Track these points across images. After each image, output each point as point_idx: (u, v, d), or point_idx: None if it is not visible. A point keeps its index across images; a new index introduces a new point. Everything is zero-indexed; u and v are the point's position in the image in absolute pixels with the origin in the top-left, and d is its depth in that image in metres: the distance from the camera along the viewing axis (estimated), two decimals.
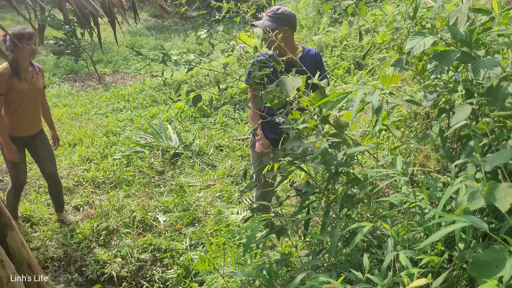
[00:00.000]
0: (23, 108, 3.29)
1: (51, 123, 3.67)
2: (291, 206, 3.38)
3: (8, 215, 2.44)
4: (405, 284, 1.24)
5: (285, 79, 1.83)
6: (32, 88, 3.30)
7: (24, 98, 3.27)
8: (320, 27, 7.82)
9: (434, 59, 1.45)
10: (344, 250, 1.79)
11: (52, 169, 3.58)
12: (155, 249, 3.37)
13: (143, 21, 16.67)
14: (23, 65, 3.23)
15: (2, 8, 15.31)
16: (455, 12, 1.41)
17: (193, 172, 4.62)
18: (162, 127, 5.47)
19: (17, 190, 3.53)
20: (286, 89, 1.77)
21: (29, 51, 3.18)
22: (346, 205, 1.71)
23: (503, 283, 1.01)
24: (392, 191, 2.52)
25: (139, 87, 7.79)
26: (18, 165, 3.38)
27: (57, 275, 3.16)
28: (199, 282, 2.94)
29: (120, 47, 12.01)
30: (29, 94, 3.28)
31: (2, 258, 2.18)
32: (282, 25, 2.64)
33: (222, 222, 3.62)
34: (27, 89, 3.25)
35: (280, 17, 2.65)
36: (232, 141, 5.31)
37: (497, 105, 1.32)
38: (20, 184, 3.51)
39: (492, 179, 1.21)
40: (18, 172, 3.43)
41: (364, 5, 2.00)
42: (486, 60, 1.35)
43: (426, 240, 1.21)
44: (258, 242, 2.20)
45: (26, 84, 3.25)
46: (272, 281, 1.71)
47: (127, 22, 2.73)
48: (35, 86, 3.33)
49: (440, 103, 1.72)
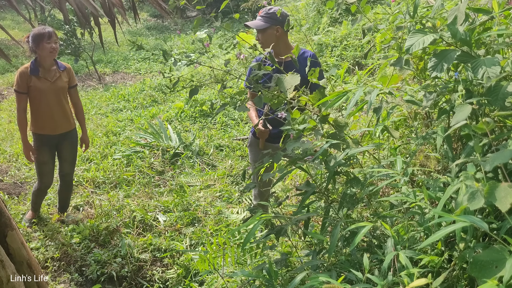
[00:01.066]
0: (44, 107, 3.34)
1: (82, 124, 3.67)
2: (291, 206, 3.38)
3: (8, 215, 2.44)
4: (405, 284, 1.24)
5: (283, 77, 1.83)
6: (52, 87, 3.32)
7: (44, 96, 3.31)
8: (320, 27, 7.82)
9: (434, 57, 1.45)
10: (344, 250, 1.78)
11: (69, 171, 3.63)
12: (155, 249, 3.37)
13: (143, 21, 16.67)
14: (44, 64, 3.29)
15: (2, 8, 15.32)
16: (453, 11, 1.41)
17: (193, 172, 4.62)
18: (162, 127, 5.47)
19: (39, 189, 3.58)
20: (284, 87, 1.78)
21: (49, 49, 3.22)
22: (346, 205, 1.70)
23: (503, 283, 1.01)
24: (392, 191, 2.52)
25: (139, 87, 7.79)
26: (42, 165, 3.45)
27: (57, 275, 3.16)
28: (199, 282, 2.94)
29: (120, 47, 12.02)
30: (49, 92, 3.32)
31: (2, 258, 2.18)
32: (274, 24, 2.66)
33: (222, 222, 3.62)
34: (46, 87, 3.30)
35: (272, 16, 2.67)
36: (232, 141, 5.31)
37: (497, 105, 1.32)
38: (43, 185, 3.54)
39: (492, 179, 1.21)
40: (41, 172, 3.49)
41: (365, 4, 2.00)
42: (486, 59, 1.35)
43: (426, 240, 1.21)
44: (258, 242, 2.20)
45: (46, 83, 3.30)
46: (272, 281, 1.71)
47: (127, 22, 2.73)
48: (56, 84, 3.35)
49: (440, 103, 1.72)
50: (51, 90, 3.32)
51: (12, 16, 18.15)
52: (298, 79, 1.80)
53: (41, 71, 3.28)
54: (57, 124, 3.43)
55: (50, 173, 3.54)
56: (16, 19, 17.69)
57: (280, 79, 1.83)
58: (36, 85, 3.27)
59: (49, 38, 3.20)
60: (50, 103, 3.35)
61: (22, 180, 4.56)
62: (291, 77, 1.81)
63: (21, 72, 3.26)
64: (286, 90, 1.77)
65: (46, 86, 3.30)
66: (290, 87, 1.78)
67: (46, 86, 3.30)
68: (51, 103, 3.35)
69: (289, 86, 1.78)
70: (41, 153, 3.43)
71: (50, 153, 3.48)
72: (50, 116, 3.38)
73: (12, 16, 18.15)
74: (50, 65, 3.32)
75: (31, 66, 3.27)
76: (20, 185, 4.47)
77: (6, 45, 12.58)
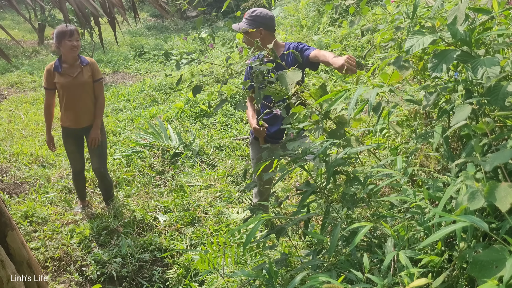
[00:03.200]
0: (66, 101, 3.53)
1: (96, 118, 3.63)
2: (291, 206, 3.38)
3: (8, 215, 2.44)
4: (405, 284, 1.24)
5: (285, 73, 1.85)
6: (74, 82, 3.48)
7: (67, 91, 3.50)
8: (320, 27, 7.82)
9: (434, 57, 1.45)
10: (344, 250, 1.78)
11: (98, 165, 3.75)
12: (155, 249, 3.37)
13: (143, 21, 16.67)
14: (67, 61, 3.48)
15: (2, 8, 15.31)
16: (453, 11, 1.41)
17: (193, 172, 4.62)
18: (162, 127, 5.47)
19: (74, 174, 3.85)
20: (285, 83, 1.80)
21: (70, 47, 3.39)
22: (346, 204, 1.70)
23: (503, 283, 1.01)
24: (392, 191, 2.52)
25: (139, 87, 7.79)
26: (69, 154, 3.76)
27: (57, 275, 3.16)
28: (199, 282, 2.94)
29: (120, 47, 12.01)
30: (70, 87, 3.49)
31: (2, 258, 2.18)
32: (257, 26, 2.71)
33: (222, 222, 3.62)
34: (67, 82, 3.47)
35: (255, 19, 2.73)
36: (232, 141, 5.31)
37: (497, 105, 1.32)
38: (75, 170, 3.83)
39: (492, 179, 1.21)
40: (70, 159, 3.82)
41: (365, 5, 2.00)
42: (485, 59, 1.34)
43: (426, 240, 1.20)
44: (258, 242, 2.20)
45: (68, 78, 3.47)
46: (272, 281, 1.71)
47: (127, 22, 2.73)
48: (78, 79, 3.49)
49: (440, 103, 1.72)
50: (73, 85, 3.49)
51: (12, 16, 18.15)
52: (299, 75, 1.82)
53: (64, 68, 3.47)
54: (80, 118, 3.59)
55: (77, 160, 3.78)
56: (16, 19, 17.69)
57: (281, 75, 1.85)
58: (59, 81, 3.47)
59: (70, 36, 3.37)
60: (73, 97, 3.52)
61: (22, 180, 4.56)
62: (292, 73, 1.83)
63: (47, 70, 3.49)
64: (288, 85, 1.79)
65: (68, 82, 3.47)
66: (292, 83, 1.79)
67: (68, 82, 3.47)
68: (73, 97, 3.52)
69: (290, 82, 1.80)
70: (67, 144, 3.71)
71: (75, 143, 3.71)
72: (73, 110, 3.56)
73: (12, 16, 18.15)
74: (73, 61, 3.49)
75: (56, 63, 3.49)
76: (20, 185, 4.46)
77: (6, 45, 12.59)
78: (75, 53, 3.43)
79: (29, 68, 9.98)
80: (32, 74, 9.53)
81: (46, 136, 3.72)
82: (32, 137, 5.75)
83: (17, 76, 9.39)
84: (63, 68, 3.46)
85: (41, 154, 5.13)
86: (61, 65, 3.47)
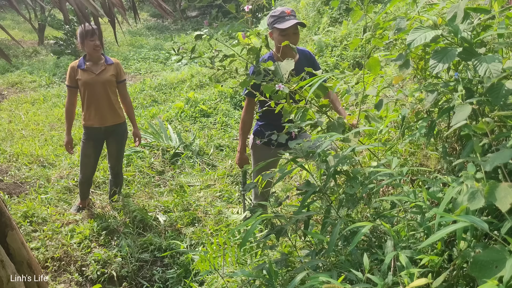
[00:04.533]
0: (91, 98, 3.52)
1: (132, 119, 3.81)
2: (291, 206, 3.38)
3: (8, 215, 2.43)
4: (405, 284, 1.24)
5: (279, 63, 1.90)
6: (98, 79, 3.48)
7: (90, 88, 3.49)
8: (320, 27, 7.81)
9: (436, 54, 1.44)
10: (344, 250, 1.78)
11: (114, 164, 3.80)
12: (155, 249, 3.37)
13: (143, 21, 16.67)
14: (91, 59, 3.51)
15: (2, 8, 15.31)
16: (453, 8, 1.41)
17: (193, 172, 4.62)
18: (162, 127, 5.47)
19: (80, 181, 3.78)
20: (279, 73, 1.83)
21: (92, 46, 3.43)
22: (346, 204, 1.70)
23: (503, 283, 1.01)
24: (392, 191, 2.52)
25: (139, 87, 7.78)
26: (84, 157, 3.66)
27: (57, 275, 3.16)
28: (199, 282, 2.94)
29: (120, 47, 12.01)
30: (94, 84, 3.48)
31: (2, 258, 2.18)
32: (269, 29, 2.72)
33: (222, 222, 3.62)
34: (91, 79, 3.47)
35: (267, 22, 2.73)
36: (232, 141, 5.30)
37: (498, 104, 1.32)
38: (83, 176, 3.73)
39: (492, 179, 1.21)
40: (82, 163, 3.70)
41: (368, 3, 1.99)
42: (487, 57, 1.34)
43: (426, 240, 1.20)
44: (258, 242, 2.20)
45: (91, 75, 3.48)
46: (272, 281, 1.71)
47: (127, 22, 2.72)
48: (101, 77, 3.50)
49: (440, 102, 1.72)
50: (96, 82, 3.49)
51: (12, 16, 18.15)
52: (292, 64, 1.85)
53: (87, 65, 3.49)
54: (104, 116, 3.57)
55: (90, 166, 3.72)
56: (16, 19, 17.70)
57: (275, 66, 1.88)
58: (82, 78, 3.47)
59: (92, 36, 3.39)
60: (96, 95, 3.51)
61: (22, 180, 4.56)
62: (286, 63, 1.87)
63: (71, 67, 3.51)
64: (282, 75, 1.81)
65: (91, 78, 3.47)
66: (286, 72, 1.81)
67: (91, 78, 3.47)
68: (97, 95, 3.51)
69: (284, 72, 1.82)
70: (86, 145, 3.63)
71: (94, 148, 3.65)
72: (96, 107, 3.53)
73: (12, 16, 18.15)
74: (97, 60, 3.52)
75: (80, 60, 3.52)
76: (20, 185, 4.46)
77: (6, 45, 12.59)
78: (98, 52, 3.47)
79: (29, 68, 9.99)
80: (32, 74, 9.53)
81: (65, 137, 3.65)
82: (32, 137, 5.75)
83: (17, 76, 9.39)
84: (87, 65, 3.48)
85: (41, 154, 5.12)
86: (85, 62, 3.50)
